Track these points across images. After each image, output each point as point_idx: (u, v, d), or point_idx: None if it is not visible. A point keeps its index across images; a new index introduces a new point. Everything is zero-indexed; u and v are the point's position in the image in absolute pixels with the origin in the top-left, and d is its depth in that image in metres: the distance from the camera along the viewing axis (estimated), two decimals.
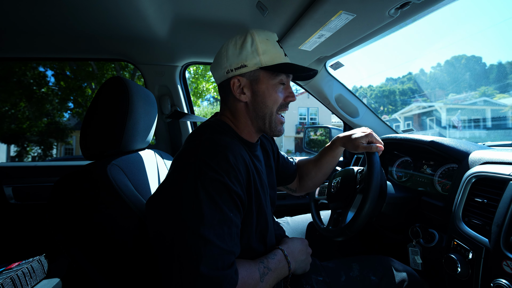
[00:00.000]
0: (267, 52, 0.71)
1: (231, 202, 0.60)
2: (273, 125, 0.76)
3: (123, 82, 0.80)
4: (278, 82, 0.74)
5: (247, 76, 0.73)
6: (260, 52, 0.70)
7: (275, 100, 0.74)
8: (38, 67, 9.01)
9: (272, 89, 0.73)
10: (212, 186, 0.57)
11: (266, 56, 0.71)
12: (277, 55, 0.72)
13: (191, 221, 0.55)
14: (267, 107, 0.74)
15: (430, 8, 0.84)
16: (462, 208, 0.78)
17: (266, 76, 0.73)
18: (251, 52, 0.71)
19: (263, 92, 0.73)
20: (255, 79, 0.73)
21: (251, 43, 0.71)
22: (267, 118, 0.75)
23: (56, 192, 0.69)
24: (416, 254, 0.93)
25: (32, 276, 1.01)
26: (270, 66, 0.71)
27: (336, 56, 1.34)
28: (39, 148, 11.74)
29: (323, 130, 1.85)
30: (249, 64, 0.71)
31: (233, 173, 0.61)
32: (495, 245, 0.64)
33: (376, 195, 0.81)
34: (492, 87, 23.95)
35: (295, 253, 0.77)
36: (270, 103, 0.73)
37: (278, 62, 0.72)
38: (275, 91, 0.74)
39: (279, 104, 0.75)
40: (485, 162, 0.81)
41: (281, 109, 0.76)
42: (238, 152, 0.66)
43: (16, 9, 0.98)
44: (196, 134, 0.71)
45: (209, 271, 0.53)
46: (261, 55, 0.71)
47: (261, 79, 0.73)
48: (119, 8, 0.97)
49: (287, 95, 0.77)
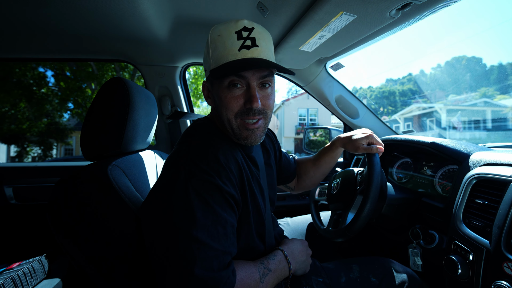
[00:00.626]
0: (215, 50, 0.63)
1: (224, 202, 0.59)
2: (236, 132, 0.67)
3: (123, 83, 0.80)
4: (227, 85, 0.63)
5: (209, 80, 0.70)
6: (211, 52, 0.64)
7: (227, 106, 0.64)
8: (38, 67, 9.02)
9: (222, 94, 0.64)
10: (203, 188, 0.57)
11: (214, 56, 0.63)
12: (225, 54, 0.62)
13: (183, 224, 0.54)
14: (222, 114, 0.66)
15: (431, 9, 0.84)
16: (463, 209, 0.78)
17: (216, 80, 0.65)
18: (206, 54, 0.67)
19: (217, 97, 0.67)
20: (212, 84, 0.68)
21: (209, 42, 0.65)
22: (227, 126, 0.67)
23: (57, 193, 0.69)
24: (416, 256, 0.93)
25: (33, 276, 1.01)
26: (215, 69, 0.63)
27: (336, 57, 1.35)
28: (39, 148, 11.74)
29: (322, 131, 1.85)
30: (206, 68, 0.68)
31: (224, 173, 0.60)
32: (496, 246, 0.64)
33: (376, 196, 0.81)
34: (493, 88, 23.96)
35: (295, 254, 0.77)
36: (223, 110, 0.65)
37: (225, 62, 0.62)
38: (226, 96, 0.64)
39: (236, 111, 0.64)
40: (486, 163, 0.81)
41: (244, 116, 0.65)
42: (230, 152, 0.66)
43: (16, 9, 0.98)
44: (187, 135, 0.71)
45: (204, 273, 0.52)
46: (211, 57, 0.64)
47: (214, 83, 0.67)
48: (120, 9, 0.97)
49: (246, 100, 0.64)
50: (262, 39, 0.64)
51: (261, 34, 0.64)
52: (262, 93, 0.66)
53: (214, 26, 0.65)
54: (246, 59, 0.61)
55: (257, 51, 0.62)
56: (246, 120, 0.65)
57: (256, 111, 0.64)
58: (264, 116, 0.67)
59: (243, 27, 0.63)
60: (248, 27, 0.63)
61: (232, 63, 0.61)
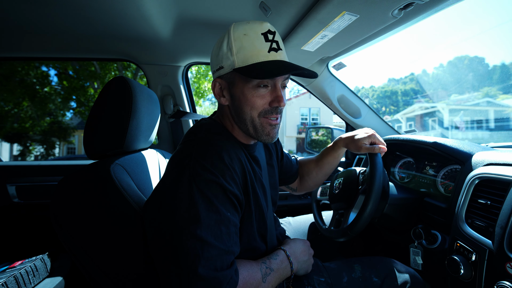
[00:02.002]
0: (242, 50, 0.63)
1: (227, 202, 0.60)
2: (259, 131, 0.68)
3: (126, 82, 0.80)
4: (255, 85, 0.64)
5: (225, 78, 0.68)
6: (234, 51, 0.63)
7: (253, 105, 0.65)
8: (41, 66, 9.06)
9: (248, 93, 0.65)
10: (207, 187, 0.57)
11: (240, 55, 0.63)
12: (254, 53, 0.63)
13: (187, 223, 0.54)
14: (244, 112, 0.67)
15: (434, 9, 0.84)
16: (465, 209, 0.78)
17: (241, 78, 0.65)
18: (226, 51, 0.64)
19: (239, 96, 0.66)
20: (231, 82, 0.67)
21: (227, 41, 0.64)
22: (248, 124, 0.68)
23: (60, 191, 0.69)
24: (417, 255, 0.93)
25: (35, 275, 1.02)
26: (242, 68, 0.63)
27: (338, 57, 1.34)
28: (41, 147, 11.80)
29: (325, 130, 1.84)
30: (224, 66, 0.65)
31: (228, 173, 0.60)
32: (499, 247, 0.64)
33: (378, 196, 0.81)
34: (495, 88, 23.80)
35: (298, 253, 0.77)
36: (247, 108, 0.66)
37: (254, 62, 0.62)
38: (253, 96, 0.65)
39: (261, 110, 0.66)
40: (489, 163, 0.81)
41: (268, 114, 0.67)
42: (233, 152, 0.66)
43: (19, 9, 0.99)
44: (191, 134, 0.70)
45: (208, 273, 0.53)
46: (235, 55, 0.63)
47: (236, 82, 0.66)
48: (123, 9, 0.98)
49: (272, 100, 0.66)
50: (282, 44, 0.68)
51: (280, 39, 0.68)
52: (282, 93, 0.68)
53: (235, 24, 0.65)
54: (280, 62, 0.63)
55: (283, 54, 0.66)
56: (270, 118, 0.68)
57: (279, 110, 0.68)
58: (281, 115, 0.71)
59: (268, 29, 0.65)
60: (271, 30, 0.65)
61: (265, 65, 0.62)
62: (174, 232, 0.55)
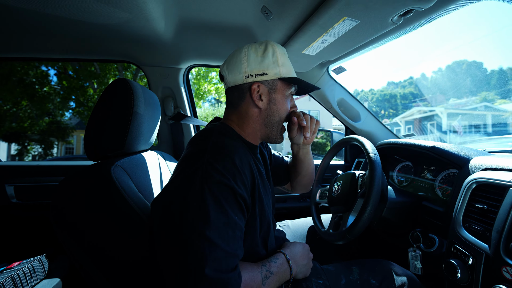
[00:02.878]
0: (284, 64, 0.77)
1: (236, 206, 0.60)
2: (279, 133, 0.82)
3: (128, 84, 0.81)
4: (290, 94, 0.81)
5: (266, 84, 0.76)
6: (280, 63, 0.76)
7: (286, 109, 0.81)
8: (41, 66, 9.04)
9: (285, 99, 0.80)
10: (218, 189, 0.58)
11: (284, 68, 0.77)
12: (291, 69, 0.80)
13: (197, 223, 0.55)
14: (279, 115, 0.79)
15: (433, 16, 0.85)
16: (463, 213, 0.79)
17: (283, 86, 0.78)
18: (272, 62, 0.75)
19: (278, 101, 0.78)
20: (273, 88, 0.77)
21: (272, 53, 0.75)
22: (276, 125, 0.80)
23: (61, 192, 0.69)
24: (416, 259, 0.94)
25: (33, 276, 1.01)
26: (288, 78, 0.77)
27: (339, 61, 1.36)
28: (40, 147, 11.75)
29: (324, 133, 1.86)
30: (269, 73, 0.75)
31: (239, 177, 0.61)
32: (495, 251, 0.65)
33: (377, 200, 0.81)
34: (493, 92, 23.95)
35: (297, 257, 0.78)
36: (282, 111, 0.80)
37: (293, 75, 0.79)
38: (286, 101, 0.80)
39: (287, 113, 0.82)
40: (486, 168, 0.82)
41: (286, 119, 0.83)
42: (244, 155, 0.67)
43: (21, 9, 0.99)
44: (203, 137, 0.71)
45: (214, 274, 0.53)
46: (281, 67, 0.76)
47: (278, 88, 0.78)
48: (125, 10, 0.98)
49: (292, 106, 0.85)
50: None
51: None
52: None
53: (273, 43, 0.78)
54: (306, 82, 0.81)
55: None
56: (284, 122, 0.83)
57: None
58: None
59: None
60: None
61: (299, 81, 0.79)
62: (183, 232, 0.55)
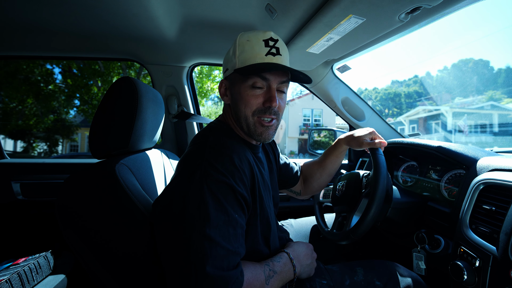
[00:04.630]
0: (243, 53, 0.69)
1: (236, 204, 0.60)
2: (251, 129, 0.72)
3: (132, 82, 0.80)
4: (251, 85, 0.69)
5: (228, 79, 0.75)
6: (237, 53, 0.70)
7: (247, 103, 0.70)
8: (46, 64, 9.12)
9: (244, 92, 0.70)
10: (217, 188, 0.58)
11: (241, 58, 0.70)
12: (253, 56, 0.69)
13: (197, 222, 0.55)
14: (240, 110, 0.72)
15: (441, 13, 0.84)
16: (470, 215, 0.78)
17: (239, 78, 0.71)
18: (231, 54, 0.72)
19: (237, 95, 0.72)
20: (232, 82, 0.74)
21: (233, 46, 0.72)
22: (243, 122, 0.73)
23: (66, 189, 0.70)
24: (420, 260, 0.93)
25: (38, 272, 1.03)
26: (240, 68, 0.69)
27: (343, 59, 1.34)
28: (45, 144, 11.88)
29: (327, 132, 1.84)
30: (229, 67, 0.74)
31: (238, 175, 0.62)
32: (503, 253, 0.64)
33: (382, 200, 0.80)
34: (500, 91, 23.59)
35: (301, 257, 0.77)
36: (242, 106, 0.71)
37: (252, 63, 0.68)
38: (248, 94, 0.70)
39: (255, 108, 0.70)
40: (494, 169, 0.81)
41: (261, 114, 0.71)
42: (243, 153, 0.67)
43: (26, 8, 0.99)
44: (202, 136, 0.72)
45: (215, 272, 0.53)
46: (237, 57, 0.70)
47: (235, 81, 0.73)
48: (129, 9, 0.98)
49: (266, 100, 0.70)
50: (284, 51, 0.73)
51: (283, 47, 0.73)
52: (278, 96, 0.72)
53: (242, 33, 0.72)
54: (272, 63, 0.69)
55: (281, 59, 0.71)
56: (262, 118, 0.72)
57: (273, 110, 0.71)
58: (277, 117, 0.74)
59: (270, 37, 0.71)
60: (274, 38, 0.71)
61: (259, 65, 0.68)
62: (184, 230, 0.56)
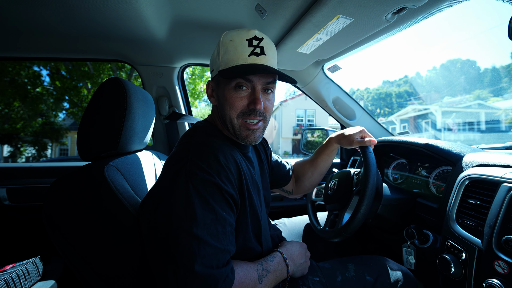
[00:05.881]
0: (226, 54, 0.68)
1: (223, 202, 0.61)
2: (237, 131, 0.71)
3: (120, 83, 0.80)
4: (234, 86, 0.68)
5: (214, 80, 0.74)
6: (221, 54, 0.69)
7: (231, 105, 0.69)
8: (33, 66, 8.90)
9: (228, 94, 0.69)
10: (203, 187, 0.58)
11: (224, 59, 0.68)
12: (235, 57, 0.67)
13: (184, 222, 0.55)
14: (226, 113, 0.71)
15: (426, 13, 0.86)
16: (456, 209, 0.80)
17: (223, 80, 0.70)
18: (216, 56, 0.71)
19: (221, 97, 0.71)
20: (217, 84, 0.73)
21: (217, 47, 0.71)
22: (228, 124, 0.71)
23: (53, 193, 0.68)
24: (410, 254, 0.95)
25: (27, 278, 1.00)
26: (223, 70, 0.68)
27: (333, 59, 1.36)
28: (33, 148, 11.59)
29: (320, 132, 1.86)
30: (214, 69, 0.73)
31: (224, 173, 0.62)
32: (488, 245, 0.66)
33: (372, 197, 0.82)
34: (486, 90, 24.29)
35: (294, 256, 0.78)
36: (227, 109, 0.70)
37: (235, 64, 0.67)
38: (232, 96, 0.68)
39: (240, 111, 0.69)
40: (478, 164, 0.83)
41: (245, 116, 0.70)
42: (229, 152, 0.67)
43: (13, 9, 0.97)
44: (187, 136, 0.72)
45: (204, 270, 0.53)
46: (221, 58, 0.69)
47: (220, 83, 0.71)
48: (118, 9, 0.97)
49: (250, 101, 0.69)
50: (270, 50, 0.70)
51: (269, 45, 0.70)
52: (264, 97, 0.71)
53: (226, 32, 0.70)
54: (255, 65, 0.67)
55: (265, 59, 0.68)
56: (247, 120, 0.70)
57: (258, 112, 0.70)
58: (263, 119, 0.72)
59: (254, 36, 0.68)
60: (258, 37, 0.68)
61: (242, 67, 0.66)
62: (171, 231, 0.55)
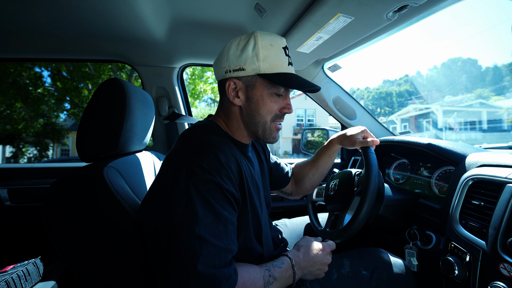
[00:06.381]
0: (267, 58, 0.68)
1: (224, 201, 0.60)
2: (267, 133, 0.74)
3: (119, 83, 0.79)
4: (274, 93, 0.71)
5: (244, 80, 0.71)
6: (261, 57, 0.68)
7: (269, 110, 0.72)
8: (34, 67, 8.94)
9: (267, 98, 0.71)
10: (204, 186, 0.57)
11: (266, 63, 0.68)
12: (278, 63, 0.69)
13: (185, 222, 0.55)
14: (260, 115, 0.72)
15: (428, 11, 0.85)
16: (459, 210, 0.79)
17: (263, 84, 0.70)
18: (251, 56, 0.68)
19: (257, 99, 0.71)
20: (251, 85, 0.71)
21: (253, 46, 0.68)
22: (260, 126, 0.73)
23: (52, 194, 0.68)
24: (412, 256, 0.94)
25: (28, 279, 1.00)
26: (268, 74, 0.68)
27: (334, 58, 1.35)
28: (35, 149, 11.63)
29: (320, 131, 1.85)
30: (247, 68, 0.69)
31: (224, 172, 0.61)
32: (492, 247, 0.65)
33: (373, 198, 0.81)
34: (488, 89, 24.22)
35: (304, 263, 0.75)
36: (264, 112, 0.72)
37: (278, 71, 0.69)
38: (270, 101, 0.71)
39: (274, 114, 0.73)
40: (482, 164, 0.82)
41: (276, 119, 0.74)
42: (229, 151, 0.66)
43: (12, 9, 0.97)
44: (186, 134, 0.71)
45: (207, 270, 0.53)
46: (261, 61, 0.68)
47: (257, 86, 0.71)
48: (117, 10, 0.97)
49: (283, 106, 0.74)
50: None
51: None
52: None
53: (261, 33, 0.70)
54: (299, 77, 0.71)
55: (293, 69, 0.74)
56: (278, 123, 0.76)
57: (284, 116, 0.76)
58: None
59: (286, 45, 0.73)
60: (287, 46, 0.73)
61: (290, 76, 0.70)
62: (172, 231, 0.55)
